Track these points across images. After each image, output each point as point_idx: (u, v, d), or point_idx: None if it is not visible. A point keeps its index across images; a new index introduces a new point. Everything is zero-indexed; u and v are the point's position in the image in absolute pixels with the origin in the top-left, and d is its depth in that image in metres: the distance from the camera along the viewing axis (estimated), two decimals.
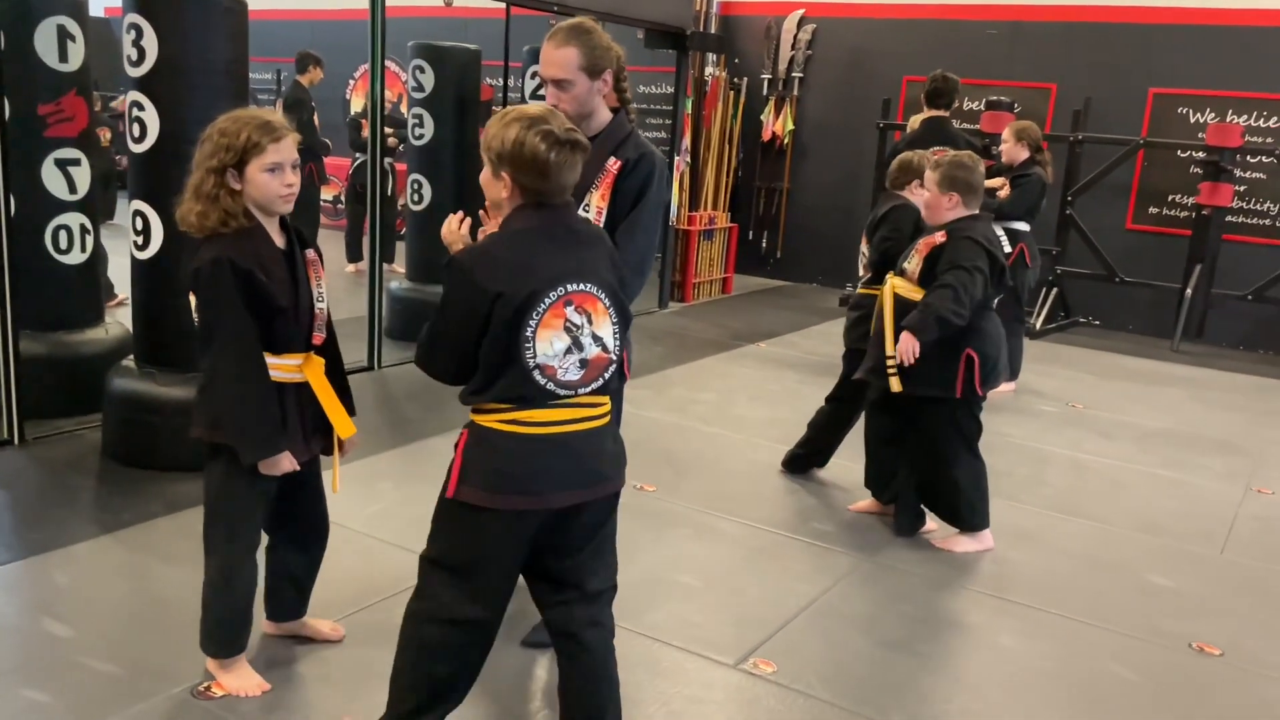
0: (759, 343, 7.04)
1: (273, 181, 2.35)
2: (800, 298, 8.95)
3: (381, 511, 3.69)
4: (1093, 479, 4.69)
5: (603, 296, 2.07)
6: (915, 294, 3.58)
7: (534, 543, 2.09)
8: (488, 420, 2.04)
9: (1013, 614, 3.32)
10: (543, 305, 1.98)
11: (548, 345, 1.99)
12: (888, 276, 3.76)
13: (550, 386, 2.01)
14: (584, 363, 2.04)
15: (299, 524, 2.66)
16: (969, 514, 3.73)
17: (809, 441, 4.40)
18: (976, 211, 3.67)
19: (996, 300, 3.71)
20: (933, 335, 3.46)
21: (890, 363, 3.60)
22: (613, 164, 2.62)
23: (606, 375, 2.09)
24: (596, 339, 2.05)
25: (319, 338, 2.49)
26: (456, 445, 2.07)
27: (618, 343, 2.11)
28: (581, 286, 2.03)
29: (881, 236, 4.12)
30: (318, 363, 2.49)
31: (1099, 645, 3.15)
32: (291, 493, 2.57)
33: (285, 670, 2.69)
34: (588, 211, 2.64)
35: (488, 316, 1.97)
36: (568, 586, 2.15)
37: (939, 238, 3.58)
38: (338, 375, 2.58)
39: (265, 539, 2.68)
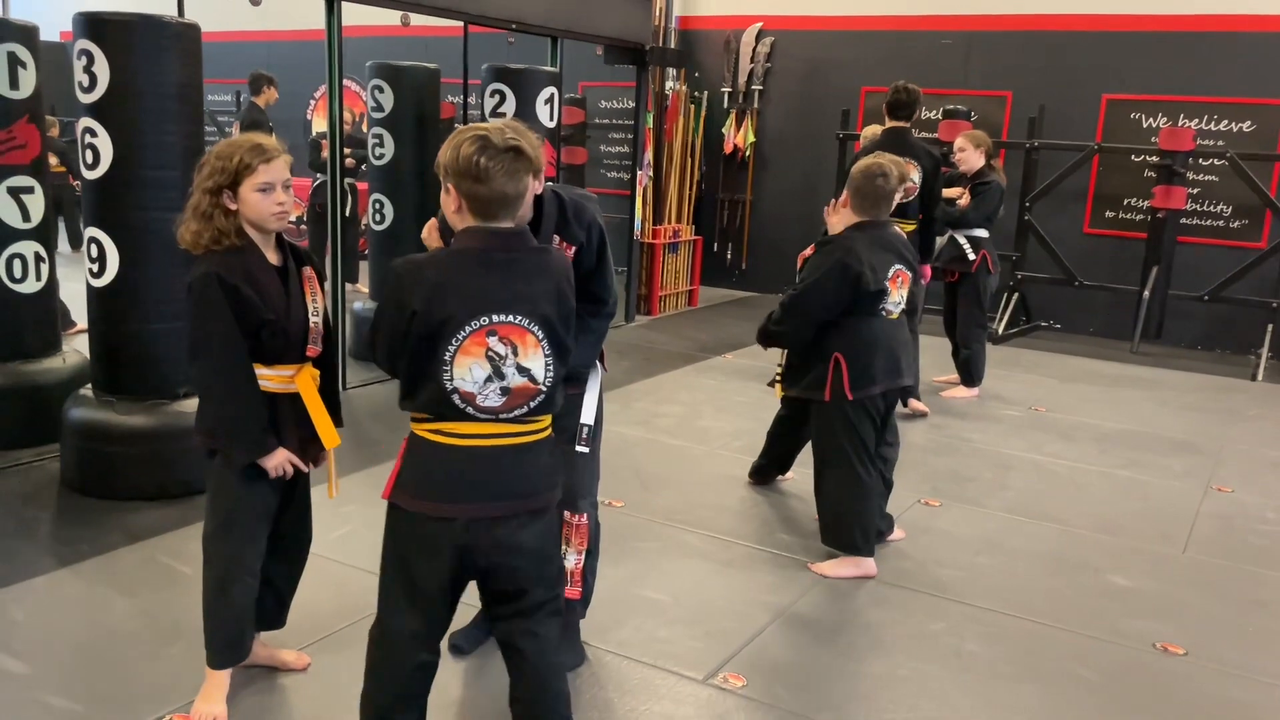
0: (725, 354, 7.06)
1: (264, 201, 2.45)
2: (766, 308, 8.86)
3: (347, 535, 3.66)
4: (1054, 481, 4.74)
5: (535, 329, 2.05)
6: None
7: (472, 559, 2.09)
8: (419, 428, 2.10)
9: (977, 619, 3.34)
10: (461, 333, 2.00)
11: (466, 372, 2.01)
12: None
13: (469, 410, 2.03)
14: (505, 390, 2.04)
15: (284, 534, 2.68)
16: (835, 529, 3.65)
17: (769, 450, 4.42)
18: (875, 219, 3.60)
19: (889, 308, 3.58)
20: (767, 347, 3.86)
21: (778, 372, 3.83)
22: (566, 249, 2.59)
23: (533, 404, 2.09)
24: (522, 370, 2.05)
25: (314, 350, 2.57)
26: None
27: (549, 374, 2.09)
28: (510, 318, 2.03)
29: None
30: (310, 374, 2.57)
31: (1063, 647, 3.18)
32: (282, 503, 2.63)
33: (249, 701, 2.65)
34: None
35: (407, 329, 2.01)
36: (508, 600, 2.16)
37: (809, 250, 3.69)
38: (330, 388, 2.68)
39: None
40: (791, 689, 2.86)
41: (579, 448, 2.83)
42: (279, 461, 2.51)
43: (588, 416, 2.82)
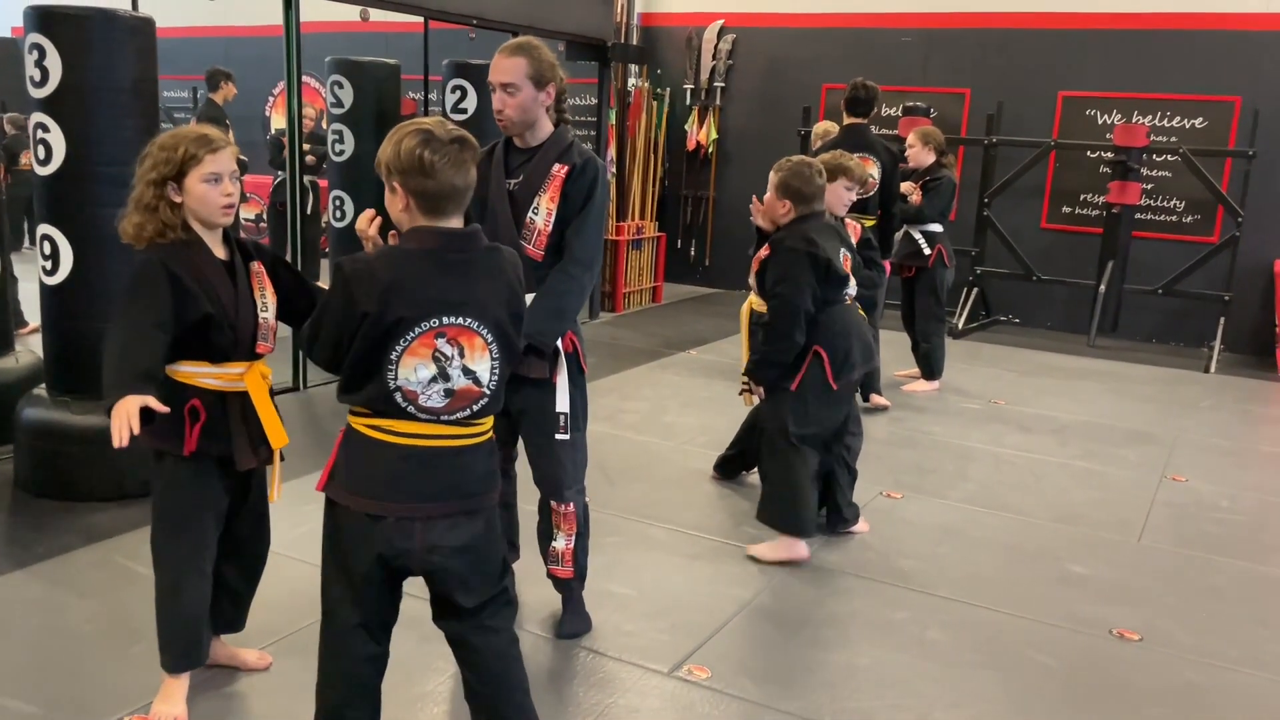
0: (689, 350, 7.08)
1: (211, 192, 2.38)
2: (729, 304, 9.00)
3: (308, 533, 3.60)
4: (1014, 472, 4.81)
5: (483, 332, 2.03)
6: (762, 307, 3.67)
7: (404, 559, 2.06)
8: (356, 422, 2.07)
9: (938, 608, 3.38)
10: (410, 334, 1.97)
11: (411, 372, 1.98)
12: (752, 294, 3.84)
13: (410, 409, 2.01)
14: (449, 392, 2.02)
15: (239, 537, 2.63)
16: (771, 509, 3.69)
17: (739, 442, 4.44)
18: (806, 212, 3.61)
19: (849, 293, 3.67)
20: (772, 376, 3.60)
21: (742, 382, 3.75)
22: (559, 169, 2.79)
23: (475, 407, 2.06)
24: (468, 372, 2.03)
25: (264, 347, 2.50)
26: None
27: (495, 378, 2.07)
28: (459, 320, 2.00)
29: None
30: (260, 372, 2.50)
31: (1022, 635, 3.23)
32: (234, 505, 2.57)
33: (210, 703, 2.63)
34: (537, 214, 2.77)
35: (355, 329, 1.98)
36: (448, 601, 2.15)
37: (764, 251, 3.65)
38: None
39: None
40: (757, 680, 2.88)
41: (559, 436, 2.84)
42: (122, 414, 2.10)
43: (563, 404, 2.83)
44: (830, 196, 4.01)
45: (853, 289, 3.70)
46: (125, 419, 2.10)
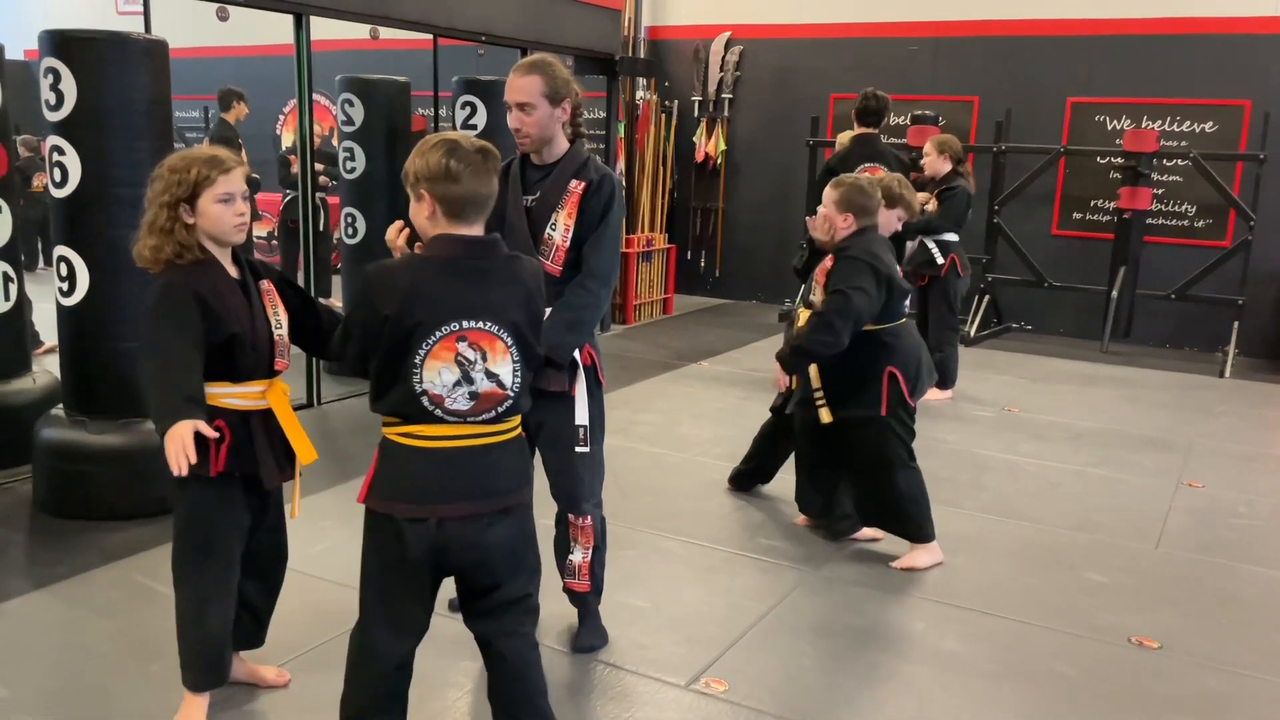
0: (701, 361, 7.09)
1: (225, 212, 2.41)
2: (740, 315, 9.03)
3: (326, 550, 3.65)
4: (1029, 481, 4.79)
5: (504, 336, 2.11)
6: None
7: (446, 558, 2.13)
8: (390, 433, 2.14)
9: (956, 619, 3.37)
10: (432, 338, 2.05)
11: (436, 375, 2.06)
12: (797, 309, 3.83)
13: (438, 412, 2.08)
14: (474, 395, 2.09)
15: (258, 553, 2.64)
16: (911, 526, 3.74)
17: (753, 457, 4.44)
18: (867, 225, 3.69)
19: (903, 308, 3.75)
20: (801, 369, 3.67)
21: (818, 396, 3.69)
22: (576, 185, 2.82)
23: (501, 409, 2.13)
24: (491, 375, 2.10)
25: (281, 364, 2.53)
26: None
27: (517, 380, 2.14)
28: (480, 324, 2.08)
29: None
30: (281, 389, 2.53)
31: (1041, 644, 3.22)
32: (254, 522, 2.58)
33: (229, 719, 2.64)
34: (555, 230, 2.80)
35: (379, 332, 2.05)
36: (482, 598, 2.21)
37: (828, 262, 3.67)
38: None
39: None
40: (774, 692, 2.88)
41: (578, 449, 2.86)
42: (178, 440, 2.12)
43: (582, 418, 2.85)
44: (881, 219, 4.06)
45: (907, 303, 3.79)
46: (181, 446, 2.13)
